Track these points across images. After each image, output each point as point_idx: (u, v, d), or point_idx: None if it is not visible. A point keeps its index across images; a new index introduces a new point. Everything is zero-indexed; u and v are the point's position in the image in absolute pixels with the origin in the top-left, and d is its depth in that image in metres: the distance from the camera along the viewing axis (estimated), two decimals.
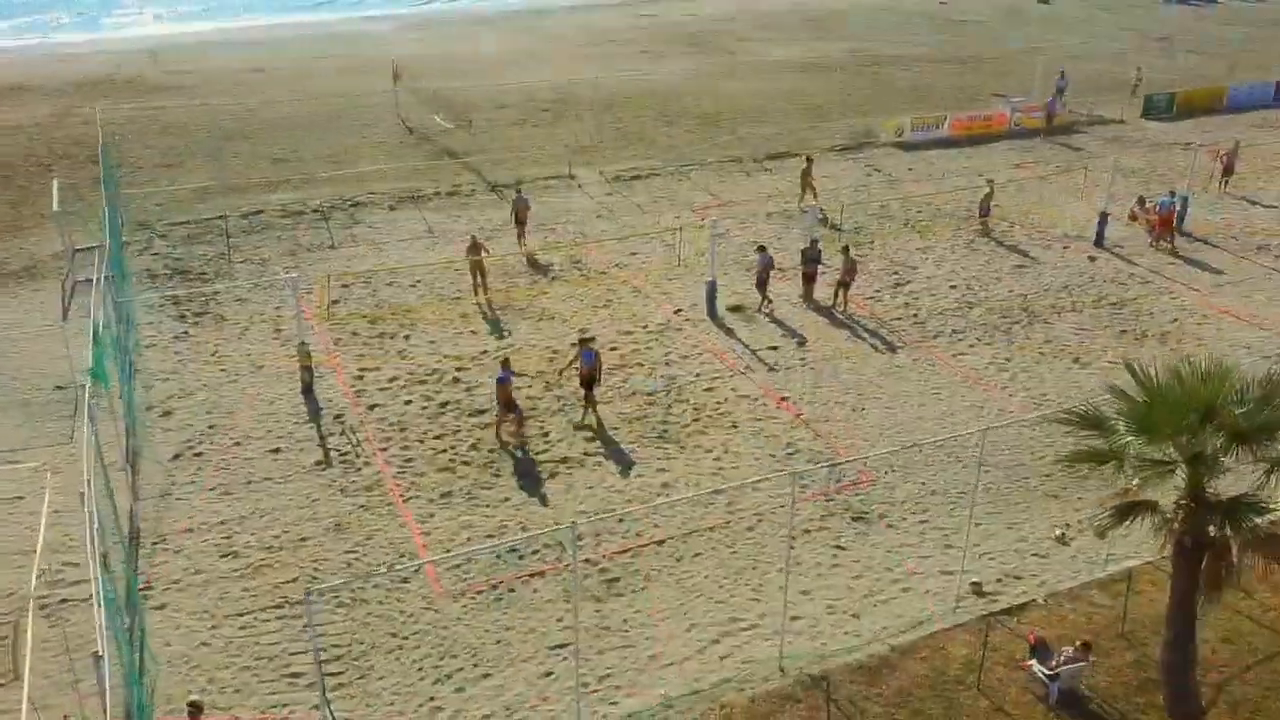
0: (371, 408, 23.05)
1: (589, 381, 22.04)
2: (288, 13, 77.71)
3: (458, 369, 24.70)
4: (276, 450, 21.41)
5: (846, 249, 27.86)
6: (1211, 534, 12.86)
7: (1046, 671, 14.17)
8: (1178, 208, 31.87)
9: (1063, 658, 14.32)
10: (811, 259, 27.96)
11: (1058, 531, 19.03)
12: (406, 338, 26.21)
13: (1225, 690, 14.35)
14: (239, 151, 41.40)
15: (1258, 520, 12.14)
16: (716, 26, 70.58)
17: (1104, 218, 32.13)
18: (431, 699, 15.30)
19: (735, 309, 27.68)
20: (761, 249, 27.77)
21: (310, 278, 28.36)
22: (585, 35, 67.94)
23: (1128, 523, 12.99)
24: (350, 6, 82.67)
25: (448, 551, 18.34)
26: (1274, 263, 31.26)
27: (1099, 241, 32.12)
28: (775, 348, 25.79)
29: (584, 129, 44.95)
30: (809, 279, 28.06)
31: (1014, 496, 20.28)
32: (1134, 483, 13.75)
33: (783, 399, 23.45)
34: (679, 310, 27.70)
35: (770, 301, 27.59)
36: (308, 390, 23.57)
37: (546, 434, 22.06)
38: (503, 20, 74.05)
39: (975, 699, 14.41)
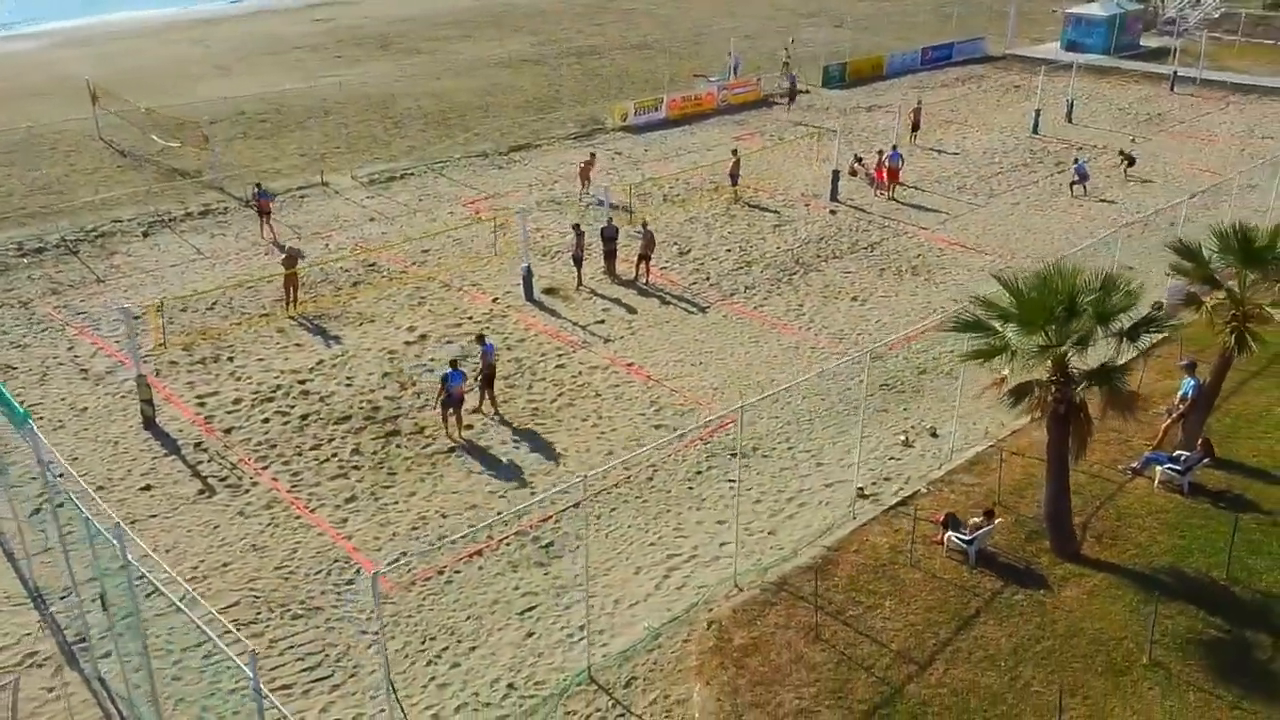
0: (228, 431, 22.49)
1: (490, 374, 22.77)
2: None
3: (300, 382, 24.45)
4: (148, 488, 20.54)
5: (644, 224, 30.02)
6: (1077, 402, 16.12)
7: (966, 538, 17.03)
8: (901, 163, 36.59)
9: (973, 525, 17.26)
10: (609, 237, 29.85)
11: (902, 437, 22.18)
12: (230, 359, 25.50)
13: (1088, 528, 17.85)
14: None
15: (1120, 380, 15.47)
16: (400, 27, 70.56)
17: (836, 175, 36.39)
18: (432, 678, 15.86)
19: (550, 291, 29.10)
20: (575, 226, 29.36)
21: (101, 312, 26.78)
22: (263, 43, 65.77)
23: (1025, 401, 15.97)
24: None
25: (379, 550, 18.71)
26: (975, 199, 36.81)
27: (834, 196, 36.34)
28: (601, 321, 27.51)
29: (311, 138, 44.13)
30: (610, 256, 29.96)
31: (853, 417, 23.24)
32: (1005, 371, 16.88)
33: (629, 364, 25.26)
34: (496, 299, 28.73)
35: (581, 281, 29.26)
36: (150, 424, 22.58)
37: (423, 429, 22.56)
38: (169, 32, 70.00)
39: (911, 573, 17.03)
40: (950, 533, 17.21)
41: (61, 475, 20.93)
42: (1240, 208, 32.06)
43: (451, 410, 21.94)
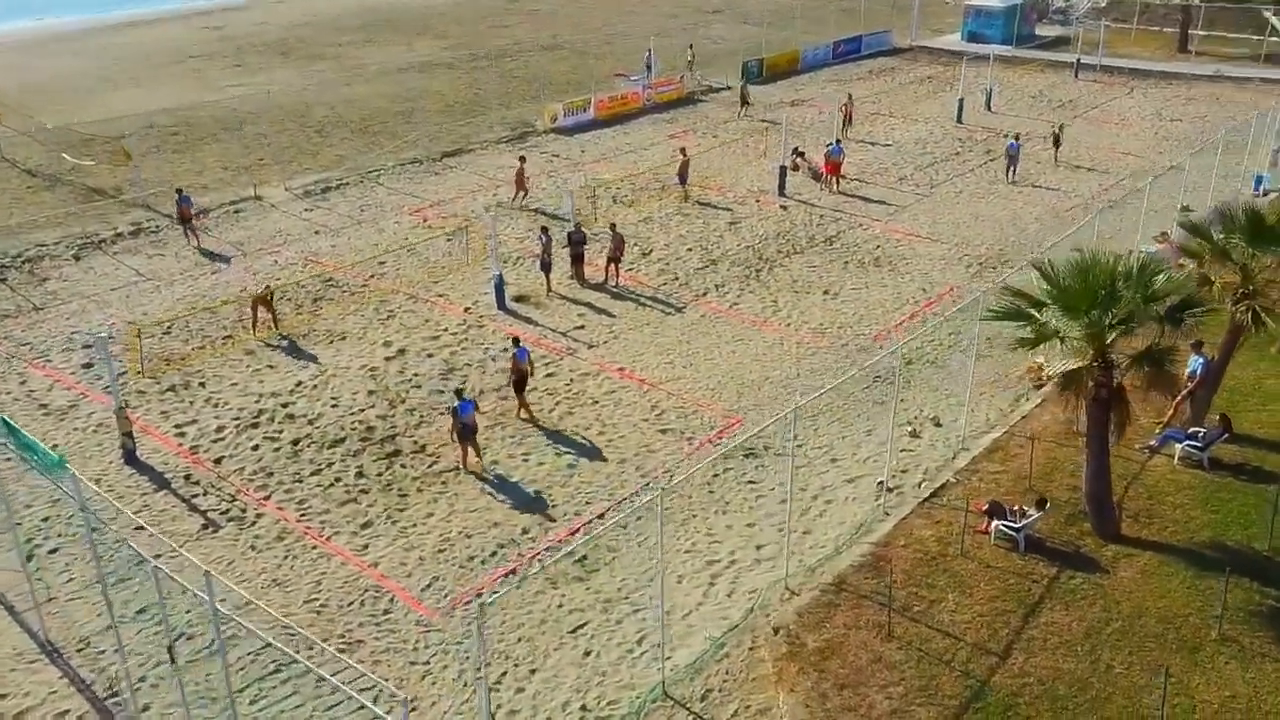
0: (218, 461, 21.36)
1: (523, 379, 22.15)
2: None
3: (283, 405, 23.41)
4: (142, 528, 19.34)
5: (614, 226, 29.64)
6: (1116, 386, 16.44)
7: (1014, 526, 17.22)
8: (842, 156, 37.00)
9: (1021, 512, 17.47)
10: (577, 241, 29.40)
11: (909, 428, 22.35)
12: (203, 385, 24.26)
13: (1123, 508, 18.22)
14: None
15: (1170, 362, 15.83)
16: (298, 33, 68.51)
17: (783, 171, 36.60)
18: (499, 706, 15.29)
19: (520, 298, 28.50)
20: (544, 230, 28.81)
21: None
22: (157, 53, 63.06)
23: (1071, 387, 16.19)
24: None
25: (409, 575, 18.00)
26: (918, 189, 37.47)
27: (782, 191, 36.54)
28: (581, 327, 27.05)
29: (230, 150, 42.44)
30: (577, 260, 29.49)
31: (854, 410, 23.36)
32: (1041, 359, 17.11)
33: (620, 369, 24.88)
34: (468, 309, 27.99)
35: (551, 286, 28.76)
36: (132, 458, 21.30)
37: (424, 447, 21.80)
38: (54, 44, 66.37)
39: (964, 563, 17.13)
40: (997, 521, 17.37)
41: (46, 520, 19.81)
42: (1173, 188, 33.30)
43: (468, 441, 21.05)
